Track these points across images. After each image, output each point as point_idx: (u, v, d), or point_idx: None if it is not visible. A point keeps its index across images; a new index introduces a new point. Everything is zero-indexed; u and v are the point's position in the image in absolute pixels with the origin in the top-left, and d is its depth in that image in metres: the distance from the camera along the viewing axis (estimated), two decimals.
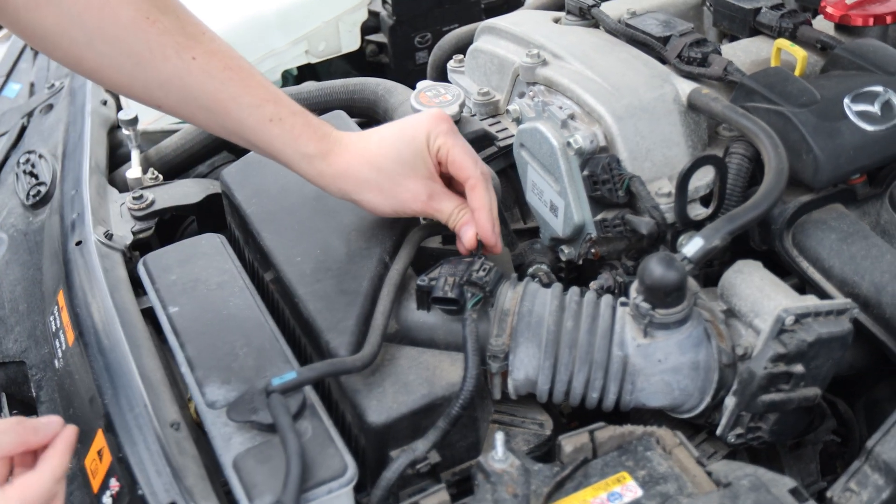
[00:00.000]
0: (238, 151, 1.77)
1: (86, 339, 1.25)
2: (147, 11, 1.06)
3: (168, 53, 1.07)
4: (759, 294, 1.10)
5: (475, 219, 1.16)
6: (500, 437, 1.05)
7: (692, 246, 1.09)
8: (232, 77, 1.10)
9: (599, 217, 1.22)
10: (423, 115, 1.18)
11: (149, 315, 1.29)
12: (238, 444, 1.01)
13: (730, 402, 1.09)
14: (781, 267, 1.21)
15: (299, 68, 2.29)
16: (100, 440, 1.13)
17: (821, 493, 1.20)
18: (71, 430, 0.98)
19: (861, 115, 1.20)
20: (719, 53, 1.31)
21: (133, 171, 1.65)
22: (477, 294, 1.11)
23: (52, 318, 1.39)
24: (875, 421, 1.20)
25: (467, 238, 1.17)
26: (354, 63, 2.38)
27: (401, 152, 1.15)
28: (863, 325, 1.13)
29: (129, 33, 1.06)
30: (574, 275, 1.38)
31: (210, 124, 1.16)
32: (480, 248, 1.18)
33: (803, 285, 1.21)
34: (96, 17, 1.04)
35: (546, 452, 1.14)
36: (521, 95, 1.35)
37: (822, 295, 1.15)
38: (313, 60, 2.25)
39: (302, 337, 1.21)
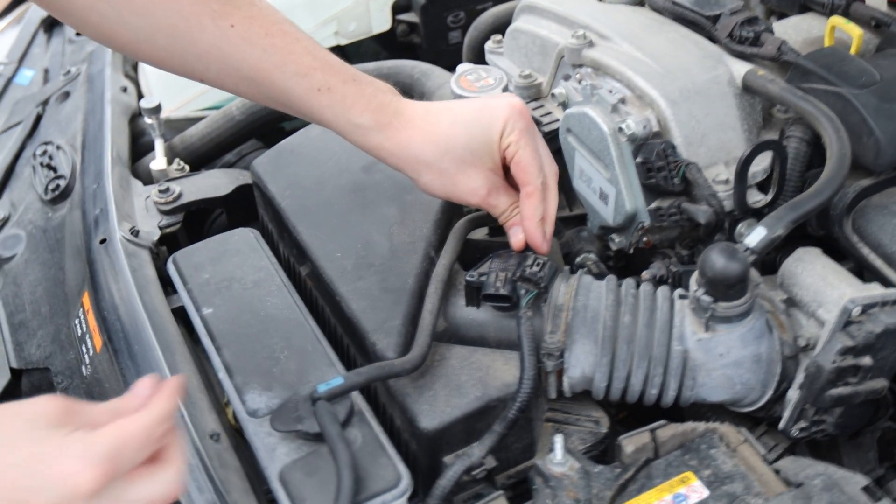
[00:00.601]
0: (267, 139, 1.73)
1: (115, 344, 1.21)
2: None
3: (204, 22, 1.00)
4: (821, 283, 1.07)
5: (524, 227, 1.10)
6: (558, 440, 1.01)
7: (755, 236, 1.05)
8: (274, 44, 1.03)
9: (654, 205, 1.18)
10: (504, 104, 1.09)
11: (179, 314, 1.24)
12: (283, 455, 0.97)
13: (794, 395, 1.06)
14: (838, 252, 1.17)
15: (329, 49, 2.24)
16: None
17: (878, 481, 1.18)
18: (178, 377, 0.84)
19: None
20: (772, 32, 1.26)
21: (158, 162, 1.60)
22: (531, 290, 1.06)
23: (77, 322, 1.34)
24: None
25: (516, 240, 1.11)
26: (385, 44, 2.32)
27: (473, 138, 1.07)
28: None
29: (159, 3, 0.99)
30: (622, 263, 1.33)
31: (256, 95, 1.09)
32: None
33: (861, 270, 1.17)
34: None
35: (603, 451, 1.11)
36: (567, 78, 1.29)
37: (884, 282, 1.12)
38: (343, 42, 2.19)
39: (344, 337, 1.16)
